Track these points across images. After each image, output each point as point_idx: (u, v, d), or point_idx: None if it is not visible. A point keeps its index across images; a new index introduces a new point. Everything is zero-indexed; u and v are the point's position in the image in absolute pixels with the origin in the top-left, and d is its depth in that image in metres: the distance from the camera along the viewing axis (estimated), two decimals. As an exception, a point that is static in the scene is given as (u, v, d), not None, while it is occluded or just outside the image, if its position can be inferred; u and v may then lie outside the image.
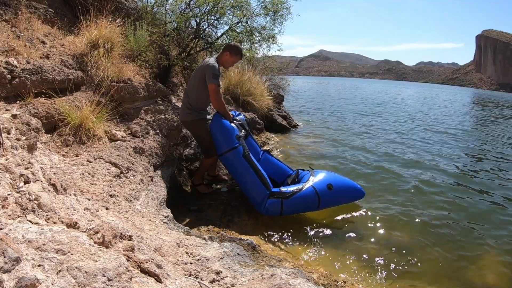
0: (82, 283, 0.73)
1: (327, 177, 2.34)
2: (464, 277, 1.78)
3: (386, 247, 2.00)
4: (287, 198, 2.10)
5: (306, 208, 2.23)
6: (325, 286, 1.32)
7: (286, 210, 2.12)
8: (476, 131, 7.11)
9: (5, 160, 1.10)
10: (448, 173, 3.64)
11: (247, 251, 1.47)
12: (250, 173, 2.13)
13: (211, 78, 2.08)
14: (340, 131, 5.74)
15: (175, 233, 1.48)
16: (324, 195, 2.19)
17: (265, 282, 1.12)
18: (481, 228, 2.36)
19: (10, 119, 1.38)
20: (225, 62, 2.29)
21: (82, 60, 2.24)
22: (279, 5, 3.22)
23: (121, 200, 1.54)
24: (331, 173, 2.51)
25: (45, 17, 2.41)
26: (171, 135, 2.61)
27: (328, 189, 2.21)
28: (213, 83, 2.08)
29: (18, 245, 0.77)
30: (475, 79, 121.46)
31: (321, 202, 2.19)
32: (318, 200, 2.17)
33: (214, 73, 2.10)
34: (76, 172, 1.52)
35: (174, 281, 1.00)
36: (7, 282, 0.66)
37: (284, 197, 2.09)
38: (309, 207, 2.21)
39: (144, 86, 2.66)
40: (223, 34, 3.30)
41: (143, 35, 2.88)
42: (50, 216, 1.04)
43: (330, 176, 2.39)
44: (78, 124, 1.80)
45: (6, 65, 1.64)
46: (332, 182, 2.28)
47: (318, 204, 2.19)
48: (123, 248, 0.99)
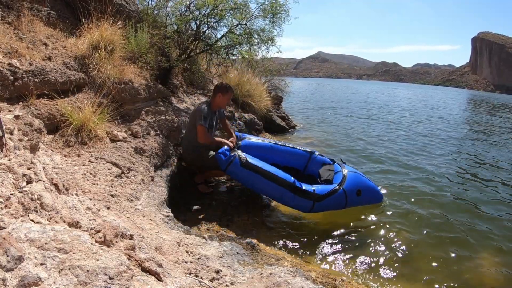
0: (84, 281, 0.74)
1: (357, 181, 2.36)
2: (463, 276, 1.78)
3: (384, 246, 2.01)
4: (319, 200, 2.14)
5: (332, 208, 2.27)
6: (323, 284, 1.33)
7: (315, 210, 2.17)
8: (474, 133, 7.14)
9: (8, 160, 1.12)
10: (446, 172, 3.66)
11: (247, 250, 1.48)
12: (259, 179, 2.13)
13: (199, 120, 2.31)
14: (339, 132, 5.76)
15: (176, 233, 1.50)
16: (351, 199, 2.23)
17: (264, 281, 1.13)
18: (480, 229, 2.36)
19: (13, 120, 1.39)
20: (220, 103, 2.48)
21: (84, 62, 2.26)
22: (277, 7, 3.25)
23: (122, 199, 1.55)
24: (360, 175, 2.50)
25: (47, 19, 2.44)
26: (171, 136, 2.63)
27: (357, 195, 2.26)
28: (200, 125, 2.29)
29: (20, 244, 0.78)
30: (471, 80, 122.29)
31: (347, 205, 2.24)
32: (345, 203, 2.22)
33: (202, 115, 2.31)
34: (78, 172, 1.54)
35: (175, 280, 1.01)
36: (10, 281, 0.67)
37: (316, 199, 2.13)
38: (334, 208, 2.26)
39: (145, 88, 2.68)
40: (223, 36, 3.33)
41: (143, 37, 2.91)
42: (52, 216, 1.05)
43: (360, 180, 2.40)
44: (80, 125, 1.82)
45: (9, 66, 1.66)
46: (361, 187, 2.31)
47: (343, 207, 2.24)
48: (124, 247, 1.00)
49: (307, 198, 2.12)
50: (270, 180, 2.12)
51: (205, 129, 2.31)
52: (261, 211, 2.39)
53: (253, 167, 2.15)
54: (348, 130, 6.13)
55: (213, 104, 2.47)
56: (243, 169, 2.14)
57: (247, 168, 2.14)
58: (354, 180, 2.34)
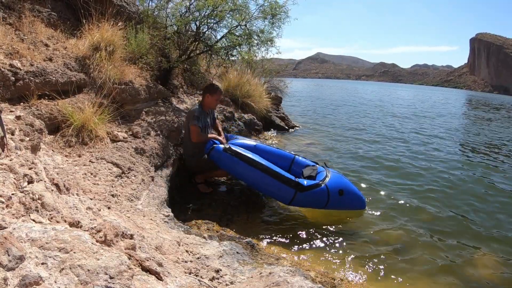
0: (85, 281, 0.74)
1: (340, 181, 2.36)
2: (461, 275, 1.79)
3: (383, 245, 2.02)
4: (301, 191, 2.13)
5: (312, 205, 2.27)
6: (322, 284, 1.34)
7: (296, 201, 2.16)
8: (472, 127, 7.18)
9: (9, 161, 1.12)
10: (444, 172, 3.66)
11: (246, 249, 1.49)
12: (241, 164, 2.17)
13: (192, 120, 2.39)
14: (337, 132, 5.77)
15: (176, 232, 1.50)
16: (333, 198, 2.22)
17: (263, 280, 1.14)
18: (478, 227, 2.37)
19: (14, 121, 1.40)
20: (210, 103, 2.55)
21: (85, 63, 2.27)
22: (277, 9, 3.26)
23: (123, 199, 1.56)
24: (344, 178, 2.52)
25: (48, 20, 2.45)
26: (171, 136, 2.64)
27: (339, 194, 2.25)
28: (192, 125, 2.37)
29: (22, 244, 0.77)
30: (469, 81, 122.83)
31: (328, 204, 2.23)
32: (327, 201, 2.21)
33: (194, 115, 2.39)
34: (79, 172, 1.55)
35: (175, 279, 1.02)
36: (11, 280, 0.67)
37: (299, 189, 2.13)
38: (316, 205, 2.25)
39: (145, 88, 2.69)
40: (223, 37, 3.35)
41: (144, 38, 2.92)
42: (53, 215, 1.06)
43: (343, 181, 2.41)
44: (81, 125, 1.83)
45: (10, 67, 1.67)
46: (344, 188, 2.30)
47: (325, 205, 2.23)
48: (125, 246, 1.00)
49: (289, 186, 2.12)
50: (252, 166, 2.13)
51: (198, 129, 2.35)
52: (261, 211, 2.40)
53: (236, 153, 2.19)
54: (348, 130, 6.14)
55: (204, 105, 2.55)
56: (225, 153, 2.19)
57: (229, 152, 2.19)
58: (337, 179, 2.35)
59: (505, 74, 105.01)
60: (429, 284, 1.69)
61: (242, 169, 2.19)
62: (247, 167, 2.16)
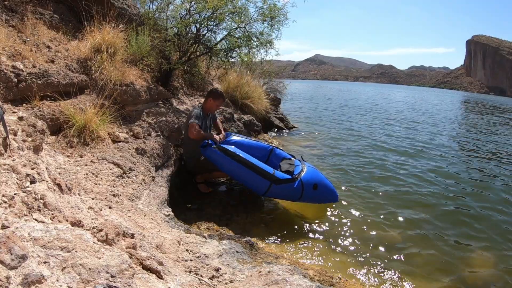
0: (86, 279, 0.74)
1: (315, 176, 2.43)
2: (458, 274, 1.80)
3: (381, 245, 2.03)
4: (276, 183, 2.21)
5: (286, 197, 2.36)
6: (320, 282, 1.35)
7: (270, 193, 2.26)
8: (469, 124, 7.20)
9: (12, 161, 1.14)
10: (442, 171, 3.69)
11: (245, 248, 1.50)
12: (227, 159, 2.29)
13: (191, 118, 2.45)
14: (335, 133, 5.79)
15: (176, 231, 1.52)
16: (307, 192, 2.30)
17: (262, 279, 1.15)
18: (475, 226, 2.39)
19: (17, 121, 1.42)
20: (210, 107, 2.63)
21: (86, 64, 2.29)
22: (276, 11, 3.29)
23: (124, 199, 1.57)
24: (318, 172, 2.60)
25: (50, 22, 2.47)
26: (172, 137, 2.66)
27: (313, 188, 2.33)
28: (192, 122, 2.43)
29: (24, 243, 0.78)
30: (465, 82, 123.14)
31: (302, 197, 2.30)
32: (301, 195, 2.28)
33: (195, 115, 2.47)
34: (80, 172, 1.56)
35: (175, 278, 1.03)
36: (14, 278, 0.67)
37: (274, 181, 2.22)
38: (289, 198, 2.34)
39: (146, 90, 2.71)
40: (222, 39, 3.37)
41: (145, 40, 2.94)
42: (55, 215, 1.07)
43: (317, 176, 2.48)
44: (82, 126, 1.85)
45: (13, 69, 1.68)
46: (318, 182, 2.38)
47: (298, 198, 2.30)
48: (126, 245, 1.02)
49: (265, 178, 2.21)
50: (235, 160, 2.26)
51: (196, 126, 2.41)
52: (260, 211, 2.41)
53: (221, 148, 2.33)
54: (347, 130, 6.17)
55: (205, 108, 2.61)
56: (213, 149, 2.34)
57: (215, 148, 2.34)
58: (312, 174, 2.41)
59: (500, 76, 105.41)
60: (426, 282, 1.70)
61: (227, 163, 2.31)
62: (230, 161, 2.28)
